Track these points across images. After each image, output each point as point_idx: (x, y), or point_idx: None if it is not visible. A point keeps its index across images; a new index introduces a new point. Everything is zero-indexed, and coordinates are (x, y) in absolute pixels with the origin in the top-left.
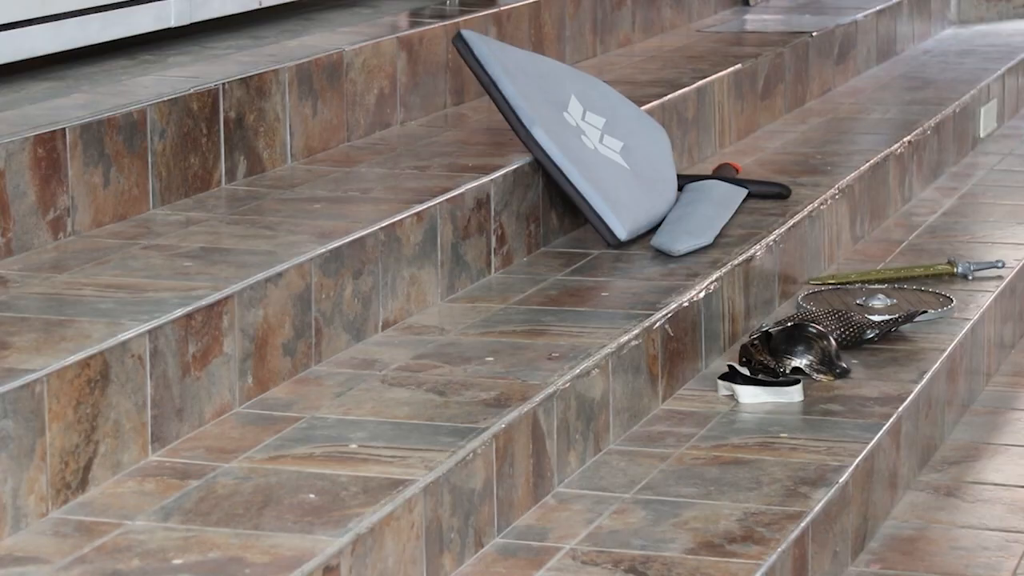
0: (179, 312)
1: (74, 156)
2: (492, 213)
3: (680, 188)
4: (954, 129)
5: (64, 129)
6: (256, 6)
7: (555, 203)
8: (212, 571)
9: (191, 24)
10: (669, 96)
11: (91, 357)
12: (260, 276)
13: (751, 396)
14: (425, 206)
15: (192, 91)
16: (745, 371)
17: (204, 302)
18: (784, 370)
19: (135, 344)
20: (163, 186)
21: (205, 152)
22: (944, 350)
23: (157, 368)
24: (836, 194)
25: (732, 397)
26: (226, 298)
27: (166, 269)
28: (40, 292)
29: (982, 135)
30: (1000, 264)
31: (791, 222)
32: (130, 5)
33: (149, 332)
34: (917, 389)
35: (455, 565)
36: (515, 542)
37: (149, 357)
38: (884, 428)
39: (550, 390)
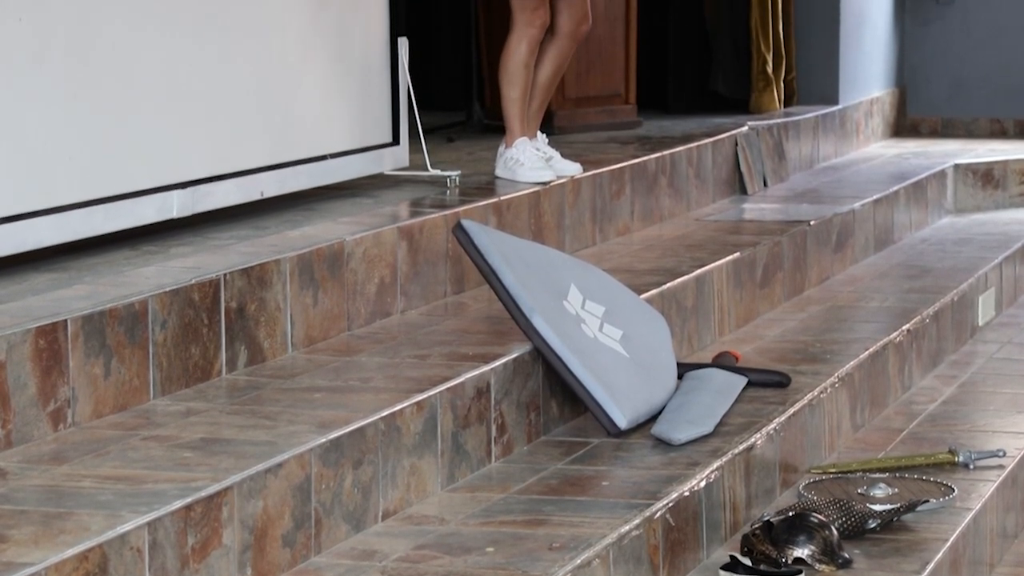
0: (178, 504)
1: (75, 347)
2: (492, 402)
3: (680, 376)
4: (953, 317)
5: (65, 320)
6: (258, 197)
7: (555, 392)
8: None
9: (193, 215)
10: (668, 284)
11: (89, 550)
12: (260, 467)
13: None
14: (425, 395)
15: (193, 282)
16: (747, 561)
17: (203, 493)
18: (786, 560)
19: (134, 536)
20: (164, 376)
21: (206, 342)
22: (947, 540)
23: (156, 560)
24: (836, 382)
25: None
26: (225, 489)
27: (166, 460)
28: (39, 484)
29: (981, 323)
30: (1001, 453)
31: (791, 411)
32: (133, 197)
33: (148, 524)
34: None
35: None
36: None
37: (148, 549)
38: None
39: None
